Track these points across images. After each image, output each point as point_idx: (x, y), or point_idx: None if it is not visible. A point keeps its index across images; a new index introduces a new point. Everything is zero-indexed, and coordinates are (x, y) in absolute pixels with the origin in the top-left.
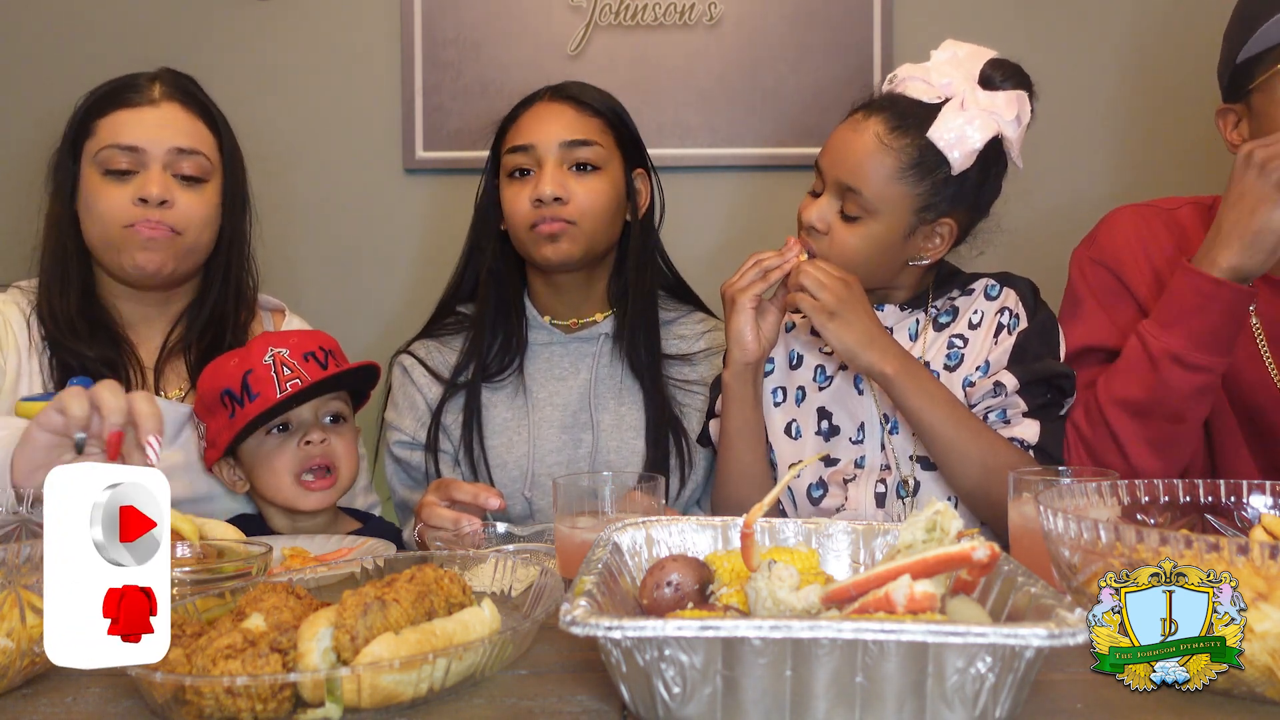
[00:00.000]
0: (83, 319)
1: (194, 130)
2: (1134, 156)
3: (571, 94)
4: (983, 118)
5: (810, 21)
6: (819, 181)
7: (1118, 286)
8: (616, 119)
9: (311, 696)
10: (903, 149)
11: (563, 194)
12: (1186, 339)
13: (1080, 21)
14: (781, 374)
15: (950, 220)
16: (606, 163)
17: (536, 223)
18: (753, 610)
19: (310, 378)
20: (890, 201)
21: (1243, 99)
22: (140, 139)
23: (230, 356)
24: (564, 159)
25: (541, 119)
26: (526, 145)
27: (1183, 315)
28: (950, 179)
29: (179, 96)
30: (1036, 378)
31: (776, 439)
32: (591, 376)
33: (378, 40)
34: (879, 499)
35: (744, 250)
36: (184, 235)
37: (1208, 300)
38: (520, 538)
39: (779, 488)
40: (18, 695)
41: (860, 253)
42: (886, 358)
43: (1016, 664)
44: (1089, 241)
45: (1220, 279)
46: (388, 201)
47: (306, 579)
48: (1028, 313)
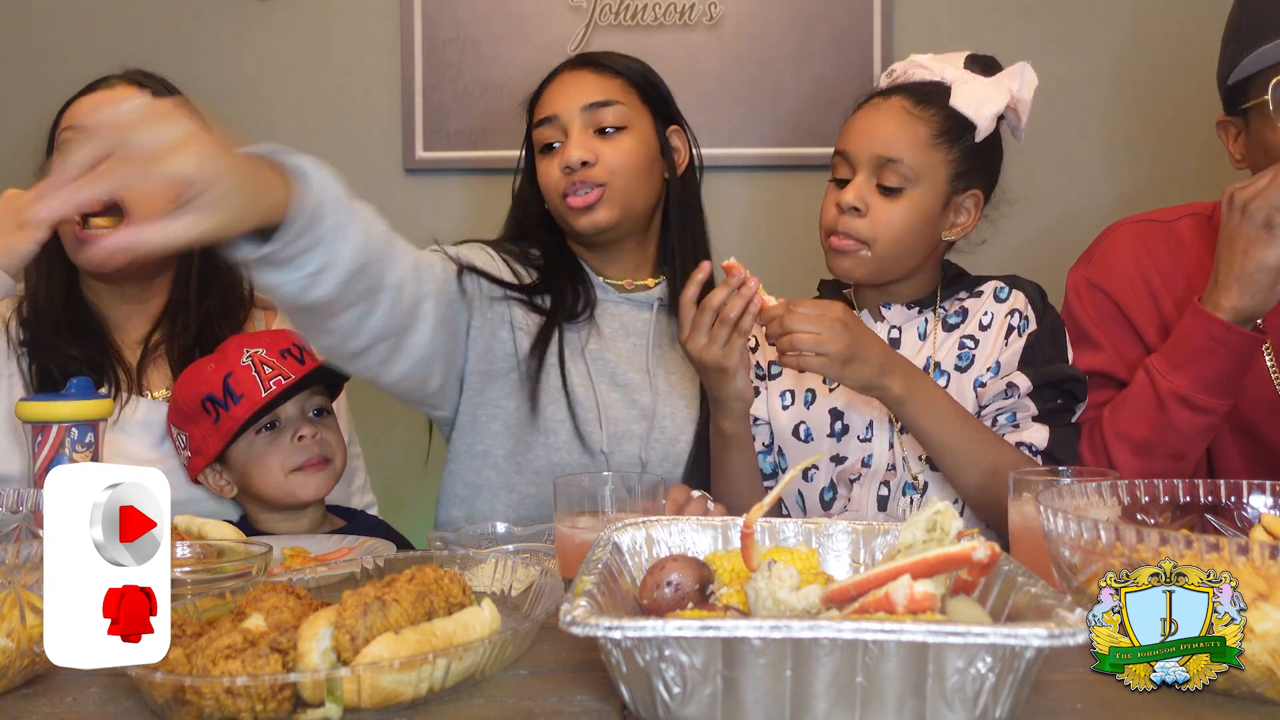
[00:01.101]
0: (67, 318)
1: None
2: (1135, 164)
3: (591, 59)
4: (995, 87)
5: (810, 21)
6: (846, 168)
7: (1116, 314)
8: (640, 78)
9: (311, 696)
10: (930, 118)
11: (590, 157)
12: (1195, 381)
13: (1082, 22)
14: (790, 376)
15: (977, 191)
16: (632, 121)
17: (568, 192)
18: (753, 610)
19: (291, 374)
20: (929, 168)
21: (1240, 114)
22: (87, 120)
23: (205, 363)
24: (588, 123)
25: (563, 87)
26: (550, 116)
27: (1192, 357)
28: (976, 147)
29: (142, 81)
30: (1047, 380)
31: (787, 442)
32: (648, 341)
33: (378, 40)
34: (881, 502)
35: (744, 250)
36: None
37: (1217, 344)
38: (520, 538)
39: (779, 488)
40: (18, 695)
41: (906, 225)
42: (895, 380)
43: (1016, 664)
44: (1085, 261)
45: (1230, 324)
46: (388, 201)
47: (306, 579)
48: (1036, 315)
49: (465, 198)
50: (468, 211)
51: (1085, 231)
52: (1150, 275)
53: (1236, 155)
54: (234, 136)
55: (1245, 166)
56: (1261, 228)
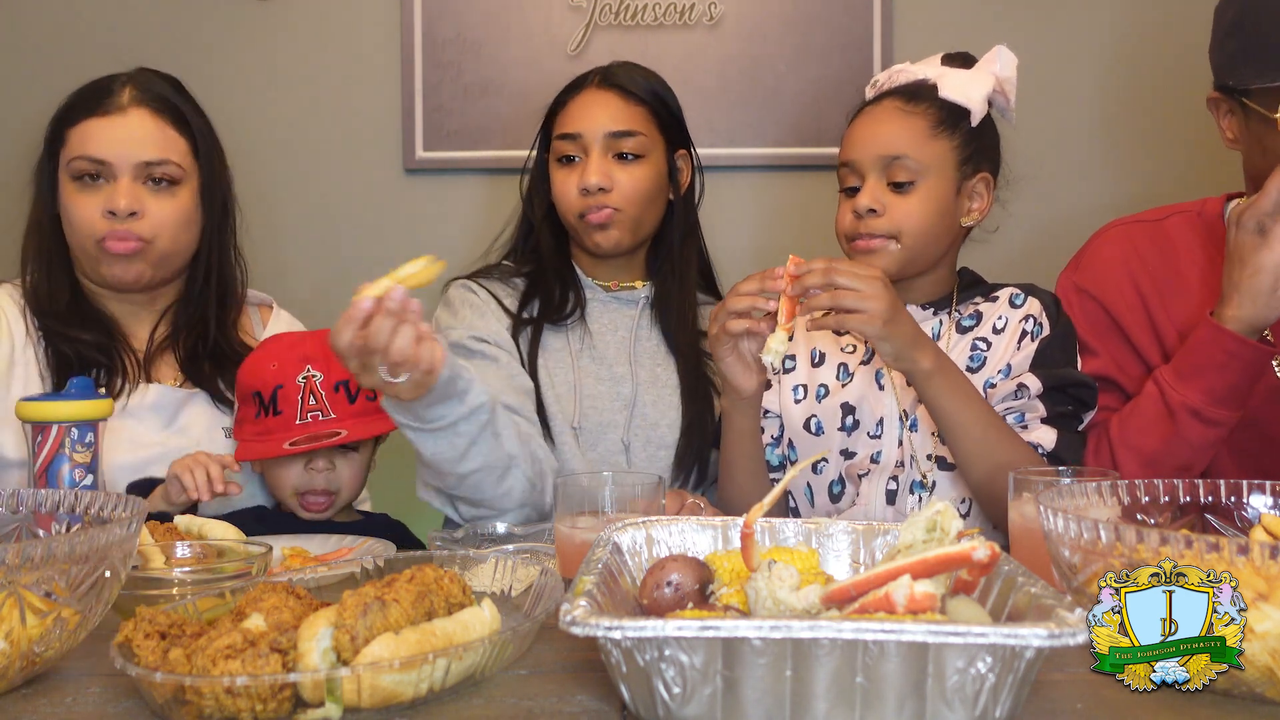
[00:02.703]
0: (73, 313)
1: (163, 139)
2: (1132, 165)
3: (618, 81)
4: (978, 73)
5: (810, 21)
6: (854, 177)
7: (1107, 320)
8: (660, 105)
9: (311, 696)
10: (925, 111)
11: (607, 183)
12: (1206, 394)
13: (1082, 20)
14: (803, 372)
15: (985, 175)
16: (650, 150)
17: (584, 212)
18: (753, 610)
19: (333, 413)
20: (935, 157)
21: (1235, 100)
22: (107, 152)
23: (270, 358)
24: (608, 148)
25: (589, 107)
26: (574, 134)
27: (1203, 370)
28: (974, 131)
29: (149, 101)
30: (1057, 384)
31: (797, 435)
32: (631, 335)
33: (378, 40)
34: (890, 496)
35: (744, 251)
36: (156, 242)
37: (1230, 357)
38: (520, 537)
39: (780, 487)
40: (18, 695)
41: (925, 216)
42: (925, 354)
43: (1016, 664)
44: (1074, 266)
45: (1241, 337)
46: (387, 201)
47: (306, 579)
48: (1050, 322)
49: (465, 198)
50: (468, 211)
51: (1078, 234)
52: (1139, 278)
53: (1229, 135)
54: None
55: (1238, 148)
56: (1254, 234)
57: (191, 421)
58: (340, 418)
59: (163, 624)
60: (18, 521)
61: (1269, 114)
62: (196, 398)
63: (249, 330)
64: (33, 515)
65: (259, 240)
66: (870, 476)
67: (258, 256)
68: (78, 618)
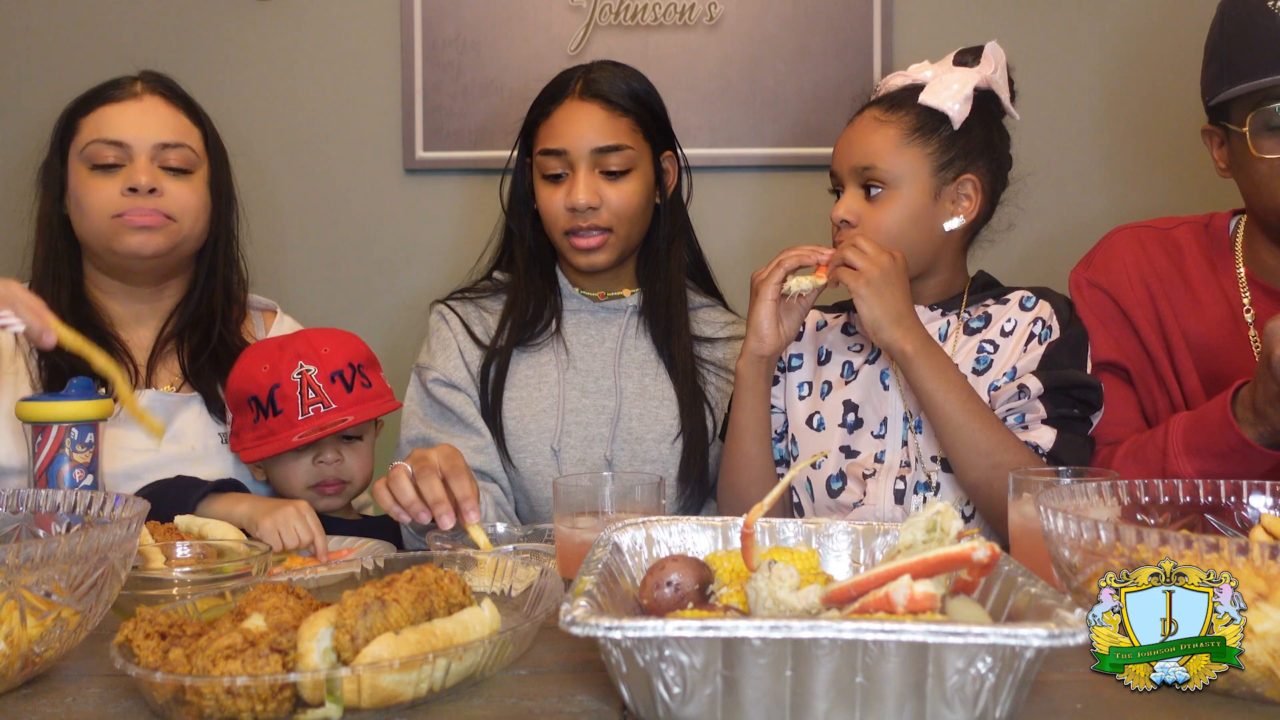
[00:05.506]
0: (73, 318)
1: (178, 123)
2: (1134, 175)
3: (601, 90)
4: (963, 73)
5: (810, 22)
6: (836, 183)
7: (1116, 311)
8: (645, 110)
9: (311, 697)
10: (900, 119)
11: (596, 202)
12: (1201, 474)
13: (1084, 22)
14: (809, 369)
15: (972, 176)
16: (637, 162)
17: (571, 229)
18: (753, 610)
19: (334, 403)
20: (906, 166)
21: (1221, 128)
22: (125, 133)
23: (260, 361)
24: (595, 164)
25: (573, 123)
26: (559, 150)
27: (1208, 451)
28: (956, 134)
29: (161, 91)
30: (1061, 385)
31: (800, 431)
32: (618, 346)
33: (378, 40)
34: (898, 495)
35: (744, 251)
36: (178, 221)
37: (1236, 454)
38: (520, 537)
39: (780, 487)
40: (18, 695)
41: (896, 225)
42: (909, 336)
43: (1016, 664)
44: (1086, 263)
45: (1253, 443)
46: (388, 201)
47: (306, 579)
48: (1061, 326)
49: (465, 198)
50: (467, 212)
51: (1081, 244)
52: (1149, 278)
53: (1221, 164)
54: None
55: (1229, 176)
56: (1264, 365)
57: (185, 428)
58: (342, 406)
59: (163, 624)
60: (18, 522)
61: (1238, 128)
62: (191, 404)
63: (253, 334)
64: (33, 515)
65: (259, 240)
66: (876, 477)
67: (258, 256)
68: (78, 618)
